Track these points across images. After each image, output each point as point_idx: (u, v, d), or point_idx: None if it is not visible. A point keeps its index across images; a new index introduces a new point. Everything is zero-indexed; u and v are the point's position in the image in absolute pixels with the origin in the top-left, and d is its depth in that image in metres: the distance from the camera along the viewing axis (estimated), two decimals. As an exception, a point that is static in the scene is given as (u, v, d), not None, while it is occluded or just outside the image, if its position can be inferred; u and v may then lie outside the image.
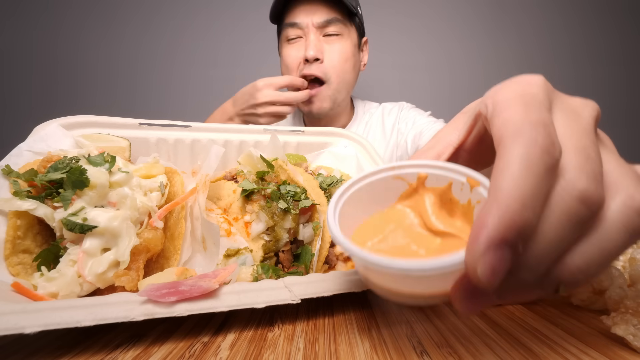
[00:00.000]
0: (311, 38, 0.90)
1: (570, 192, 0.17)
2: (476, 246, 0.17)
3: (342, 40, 0.93)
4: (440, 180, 0.25)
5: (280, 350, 0.25)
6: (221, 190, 0.43)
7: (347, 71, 0.95)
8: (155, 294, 0.26)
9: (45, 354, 0.25)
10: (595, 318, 0.31)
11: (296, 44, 0.94)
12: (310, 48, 0.89)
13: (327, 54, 0.92)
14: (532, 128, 0.18)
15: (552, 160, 0.17)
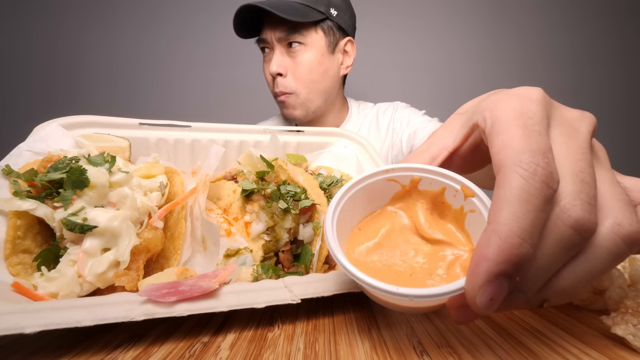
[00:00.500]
0: (275, 53, 0.94)
1: (565, 220, 0.18)
2: (476, 278, 0.18)
3: (306, 50, 0.93)
4: (433, 184, 0.26)
5: (280, 350, 0.25)
6: (221, 190, 0.43)
7: (315, 80, 0.96)
8: (155, 294, 0.26)
9: (45, 354, 0.25)
10: (595, 318, 0.31)
11: (267, 58, 0.99)
12: (272, 64, 0.93)
13: (290, 68, 0.94)
14: (531, 158, 0.18)
15: (550, 192, 0.18)
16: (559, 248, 0.18)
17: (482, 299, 0.18)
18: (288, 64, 0.94)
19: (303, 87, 0.95)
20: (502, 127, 0.20)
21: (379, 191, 0.28)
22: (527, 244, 0.17)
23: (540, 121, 0.20)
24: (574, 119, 0.21)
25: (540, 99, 0.21)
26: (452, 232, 0.26)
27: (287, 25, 0.90)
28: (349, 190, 0.26)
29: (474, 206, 0.24)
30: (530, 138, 0.19)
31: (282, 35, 0.91)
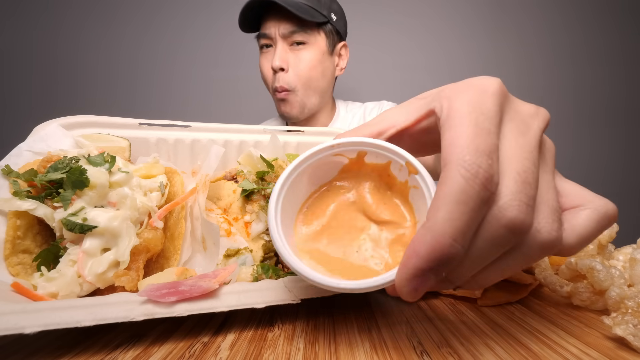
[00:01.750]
0: (278, 48, 0.95)
1: (499, 219, 0.19)
2: (405, 271, 0.19)
3: (308, 48, 0.97)
4: (379, 157, 0.26)
5: (280, 350, 0.25)
6: (221, 190, 0.43)
7: (314, 78, 0.99)
8: (155, 294, 0.26)
9: (45, 354, 0.25)
10: (595, 318, 0.31)
11: (267, 53, 1.00)
12: (275, 58, 0.95)
13: (292, 64, 0.96)
14: (475, 159, 0.18)
15: (488, 194, 0.18)
16: (491, 246, 0.19)
17: (407, 290, 0.19)
18: (290, 59, 0.96)
19: (302, 84, 0.97)
20: (455, 121, 0.20)
21: (326, 167, 0.28)
22: (459, 244, 0.18)
23: (493, 117, 0.20)
24: (528, 115, 0.22)
25: (497, 92, 0.21)
26: (398, 208, 0.27)
27: (293, 22, 0.92)
28: (295, 170, 0.26)
29: (417, 183, 0.24)
30: (478, 137, 0.19)
31: (286, 31, 0.93)
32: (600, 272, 0.31)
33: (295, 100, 0.98)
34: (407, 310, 0.33)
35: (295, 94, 0.97)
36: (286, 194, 0.26)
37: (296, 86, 0.97)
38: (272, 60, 0.94)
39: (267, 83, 1.03)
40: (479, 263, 0.20)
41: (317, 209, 0.28)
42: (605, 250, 0.41)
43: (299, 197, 0.28)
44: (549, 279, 0.35)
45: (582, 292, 0.32)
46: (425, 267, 0.18)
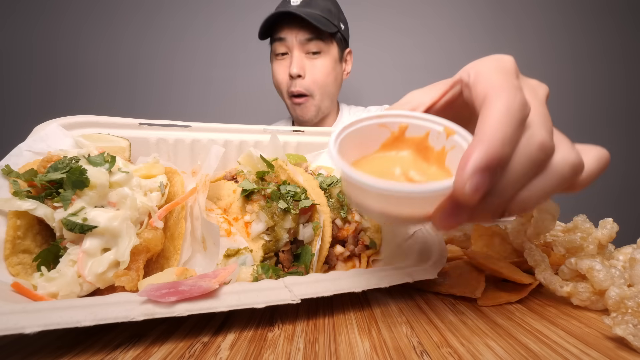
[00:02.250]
0: (295, 55, 1.01)
1: (534, 140, 0.23)
2: (465, 170, 0.21)
3: (322, 57, 1.04)
4: (418, 129, 0.28)
5: (280, 350, 0.25)
6: (221, 190, 0.43)
7: (328, 84, 1.06)
8: (155, 294, 0.26)
9: (45, 354, 0.25)
10: (595, 318, 0.31)
11: (283, 60, 1.05)
12: (293, 65, 1.01)
13: (309, 70, 1.03)
14: (511, 89, 0.23)
15: (525, 115, 0.22)
16: (528, 163, 0.23)
17: (469, 187, 0.21)
18: (307, 66, 1.02)
19: (318, 90, 1.04)
20: (486, 74, 0.24)
21: (370, 137, 0.29)
22: (507, 148, 0.21)
23: (515, 73, 0.25)
24: (534, 85, 0.27)
25: (512, 61, 0.26)
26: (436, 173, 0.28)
27: (310, 31, 0.99)
28: (345, 129, 0.27)
29: (454, 143, 0.26)
30: (509, 78, 0.24)
31: (303, 39, 1.00)
32: (600, 272, 0.31)
33: (312, 104, 1.05)
34: (407, 310, 0.33)
35: (312, 98, 1.04)
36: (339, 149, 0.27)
37: (313, 91, 1.04)
38: (290, 68, 1.00)
39: (280, 88, 1.08)
40: (519, 180, 0.23)
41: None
42: (605, 250, 0.41)
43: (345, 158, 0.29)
44: (549, 279, 0.35)
45: (582, 292, 0.32)
46: (484, 164, 0.21)
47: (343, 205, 0.46)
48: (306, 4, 0.99)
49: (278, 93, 1.12)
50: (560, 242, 0.39)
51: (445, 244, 0.41)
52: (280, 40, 1.02)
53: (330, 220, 0.42)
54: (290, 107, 1.08)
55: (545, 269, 0.36)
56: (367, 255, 0.46)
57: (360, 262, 0.45)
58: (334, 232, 0.44)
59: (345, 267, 0.44)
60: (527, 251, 0.38)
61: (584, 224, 0.39)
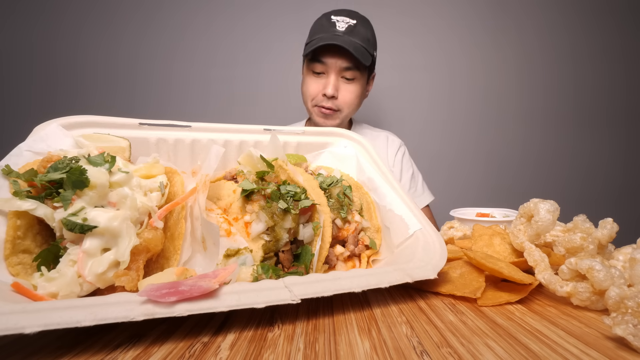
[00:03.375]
0: (332, 79, 1.13)
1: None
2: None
3: (355, 83, 1.17)
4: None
5: (280, 350, 0.25)
6: (221, 190, 0.43)
7: (355, 104, 1.21)
8: (155, 294, 0.26)
9: (45, 354, 0.25)
10: (595, 318, 0.31)
11: (319, 78, 1.16)
12: (330, 88, 1.12)
13: (341, 92, 1.15)
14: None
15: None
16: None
17: None
18: (341, 90, 1.15)
19: (346, 107, 1.17)
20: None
21: None
22: None
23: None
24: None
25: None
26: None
27: (350, 60, 1.10)
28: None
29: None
30: None
31: (343, 68, 1.12)
32: (600, 272, 0.31)
33: (339, 117, 1.18)
34: (407, 310, 0.33)
35: (340, 113, 1.17)
36: None
37: (343, 108, 1.17)
38: (326, 89, 1.12)
39: (308, 98, 1.19)
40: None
41: None
42: (605, 250, 0.41)
43: None
44: (548, 279, 0.35)
45: (582, 292, 0.32)
46: None
47: (343, 205, 0.46)
48: (350, 31, 1.10)
49: (303, 99, 1.22)
50: (560, 242, 0.39)
51: (445, 244, 0.41)
52: (321, 62, 1.12)
53: (330, 220, 0.42)
54: (316, 114, 1.19)
55: (545, 269, 0.36)
56: (367, 255, 0.46)
57: (360, 262, 0.45)
58: (334, 232, 0.44)
59: (345, 267, 0.44)
60: (527, 251, 0.38)
61: (584, 224, 0.39)
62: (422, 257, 0.38)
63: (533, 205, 0.40)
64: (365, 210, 0.50)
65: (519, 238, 0.40)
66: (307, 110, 1.24)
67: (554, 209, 0.38)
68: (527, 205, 0.41)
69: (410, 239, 0.43)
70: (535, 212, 0.39)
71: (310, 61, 1.16)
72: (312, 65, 1.15)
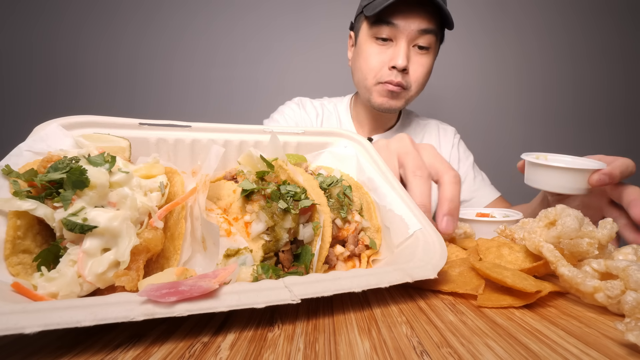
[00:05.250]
0: (402, 46, 0.89)
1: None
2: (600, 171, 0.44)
3: (428, 54, 0.94)
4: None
5: (280, 350, 0.25)
6: (221, 190, 0.43)
7: (424, 83, 0.99)
8: (155, 294, 0.26)
9: (45, 354, 0.25)
10: (595, 318, 0.31)
11: (385, 46, 0.93)
12: (401, 57, 0.89)
13: (413, 66, 0.93)
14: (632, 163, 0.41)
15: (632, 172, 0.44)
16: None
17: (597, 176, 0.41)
18: (413, 62, 0.93)
19: (416, 85, 0.96)
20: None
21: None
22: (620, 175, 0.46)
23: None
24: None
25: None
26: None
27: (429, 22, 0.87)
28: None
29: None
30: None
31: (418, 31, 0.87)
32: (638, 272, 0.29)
33: (406, 96, 0.97)
34: (407, 310, 0.33)
35: (408, 91, 0.96)
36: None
37: (411, 85, 0.96)
38: (395, 59, 0.89)
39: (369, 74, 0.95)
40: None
41: None
42: (605, 250, 0.41)
43: None
44: (573, 272, 0.33)
45: (614, 288, 0.31)
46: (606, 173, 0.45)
47: (343, 205, 0.46)
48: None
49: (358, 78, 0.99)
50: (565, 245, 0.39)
51: (445, 244, 0.41)
52: (390, 24, 0.87)
53: (330, 220, 0.42)
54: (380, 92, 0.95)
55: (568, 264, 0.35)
56: (367, 255, 0.46)
57: (360, 262, 0.45)
58: (334, 232, 0.44)
59: (345, 267, 0.44)
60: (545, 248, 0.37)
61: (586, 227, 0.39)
62: (422, 257, 0.38)
63: (560, 211, 0.39)
64: (365, 210, 0.50)
65: (536, 239, 0.39)
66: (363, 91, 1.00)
67: (581, 217, 0.38)
68: (551, 210, 0.41)
69: (410, 238, 0.43)
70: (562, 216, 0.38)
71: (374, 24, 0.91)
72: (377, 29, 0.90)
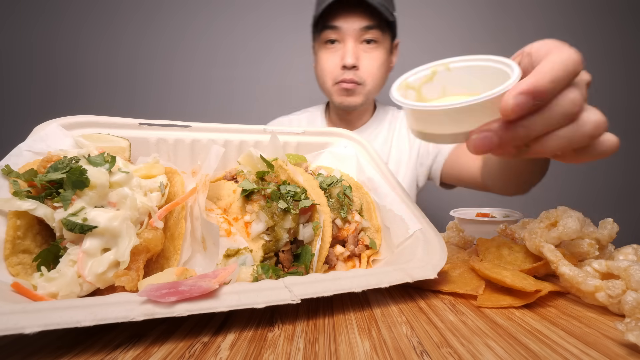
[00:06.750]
0: (349, 45, 0.93)
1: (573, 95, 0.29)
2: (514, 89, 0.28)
3: (378, 47, 0.97)
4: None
5: (280, 350, 0.25)
6: (221, 190, 0.43)
7: (380, 76, 1.01)
8: (155, 294, 0.26)
9: (45, 354, 0.25)
10: (595, 318, 0.31)
11: (334, 49, 0.97)
12: (348, 56, 0.92)
13: (363, 61, 0.96)
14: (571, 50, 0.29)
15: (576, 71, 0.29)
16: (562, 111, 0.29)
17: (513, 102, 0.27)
18: (362, 57, 0.96)
19: (371, 80, 0.99)
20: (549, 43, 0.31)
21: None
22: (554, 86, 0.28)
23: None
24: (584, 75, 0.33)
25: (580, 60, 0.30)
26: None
27: (369, 18, 0.91)
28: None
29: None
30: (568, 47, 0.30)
31: (361, 29, 0.91)
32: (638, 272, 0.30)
33: (362, 91, 1.00)
34: (407, 310, 0.33)
35: (363, 86, 0.99)
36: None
37: (366, 80, 0.98)
38: (344, 58, 0.93)
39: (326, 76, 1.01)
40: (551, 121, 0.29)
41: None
42: (605, 250, 0.41)
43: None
44: (575, 271, 0.33)
45: (615, 288, 0.31)
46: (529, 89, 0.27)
47: (343, 205, 0.46)
48: None
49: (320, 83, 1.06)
50: (566, 245, 0.39)
51: (445, 244, 0.41)
52: (333, 28, 0.92)
53: (330, 220, 0.42)
54: (337, 92, 1.01)
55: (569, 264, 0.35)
56: (367, 255, 0.46)
57: (360, 262, 0.45)
58: (334, 232, 0.44)
59: (345, 267, 0.44)
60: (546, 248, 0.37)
61: (587, 228, 0.39)
62: (422, 257, 0.38)
63: (561, 212, 0.39)
64: (365, 210, 0.50)
65: (537, 239, 0.39)
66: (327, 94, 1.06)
67: (582, 218, 0.38)
68: (552, 212, 0.41)
69: (410, 238, 0.43)
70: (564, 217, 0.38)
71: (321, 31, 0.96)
72: (324, 34, 0.96)
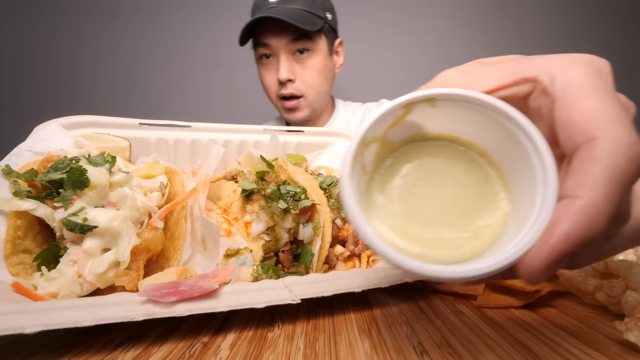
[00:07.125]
0: (282, 59, 0.93)
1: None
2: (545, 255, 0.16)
3: (312, 55, 0.96)
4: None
5: (280, 350, 0.25)
6: (221, 190, 0.43)
7: (321, 83, 1.00)
8: (155, 294, 0.26)
9: (45, 354, 0.25)
10: (595, 318, 0.31)
11: (269, 63, 0.98)
12: (282, 71, 0.93)
13: (299, 72, 0.96)
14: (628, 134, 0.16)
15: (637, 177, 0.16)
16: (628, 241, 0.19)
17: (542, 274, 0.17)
18: (297, 69, 0.96)
19: (311, 90, 0.98)
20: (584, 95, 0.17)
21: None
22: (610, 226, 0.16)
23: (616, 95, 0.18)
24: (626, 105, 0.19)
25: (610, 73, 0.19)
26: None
27: (295, 32, 0.91)
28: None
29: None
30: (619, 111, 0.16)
31: (290, 41, 0.92)
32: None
33: (305, 105, 1.00)
34: (407, 310, 0.33)
35: (305, 99, 0.99)
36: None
37: (305, 91, 0.98)
38: (278, 73, 0.94)
39: (269, 92, 1.02)
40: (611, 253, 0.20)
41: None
42: (605, 250, 0.41)
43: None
44: (574, 271, 0.34)
45: (615, 287, 0.31)
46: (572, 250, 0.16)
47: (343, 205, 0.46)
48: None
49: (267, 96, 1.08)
50: None
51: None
52: (264, 45, 0.94)
53: (330, 220, 0.42)
54: (282, 110, 1.03)
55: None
56: (367, 255, 0.46)
57: (360, 262, 0.45)
58: (334, 232, 0.44)
59: (345, 267, 0.44)
60: None
61: None
62: (422, 257, 0.38)
63: None
64: (365, 210, 0.50)
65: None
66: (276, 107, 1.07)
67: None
68: None
69: (410, 239, 0.43)
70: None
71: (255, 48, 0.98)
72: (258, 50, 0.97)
